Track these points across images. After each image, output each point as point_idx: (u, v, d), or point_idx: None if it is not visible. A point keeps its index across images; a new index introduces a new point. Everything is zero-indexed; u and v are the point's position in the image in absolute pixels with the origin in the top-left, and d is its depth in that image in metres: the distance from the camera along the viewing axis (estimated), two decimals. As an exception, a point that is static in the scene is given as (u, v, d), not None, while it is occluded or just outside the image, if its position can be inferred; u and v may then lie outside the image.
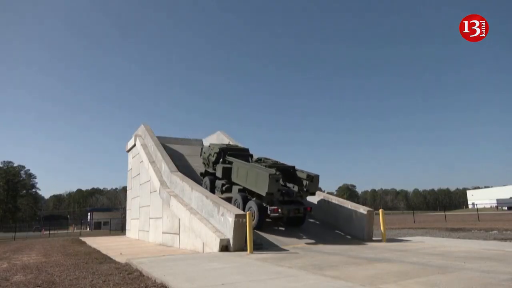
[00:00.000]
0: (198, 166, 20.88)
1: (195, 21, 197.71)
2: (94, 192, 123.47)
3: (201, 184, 16.55)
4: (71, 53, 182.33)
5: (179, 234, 14.56)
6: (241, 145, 22.01)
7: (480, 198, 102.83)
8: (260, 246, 11.44)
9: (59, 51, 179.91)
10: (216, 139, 25.32)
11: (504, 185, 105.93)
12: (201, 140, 27.46)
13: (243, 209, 12.82)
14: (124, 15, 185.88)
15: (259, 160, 14.77)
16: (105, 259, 11.33)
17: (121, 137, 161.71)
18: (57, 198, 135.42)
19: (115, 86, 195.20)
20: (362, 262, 8.02)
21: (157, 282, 6.60)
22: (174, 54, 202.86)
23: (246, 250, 10.39)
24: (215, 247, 11.10)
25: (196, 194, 13.85)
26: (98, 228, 55.31)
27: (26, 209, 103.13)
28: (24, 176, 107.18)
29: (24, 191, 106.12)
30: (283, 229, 13.81)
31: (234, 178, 14.19)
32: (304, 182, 12.96)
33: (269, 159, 15.20)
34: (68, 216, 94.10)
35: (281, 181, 12.23)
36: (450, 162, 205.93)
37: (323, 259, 8.64)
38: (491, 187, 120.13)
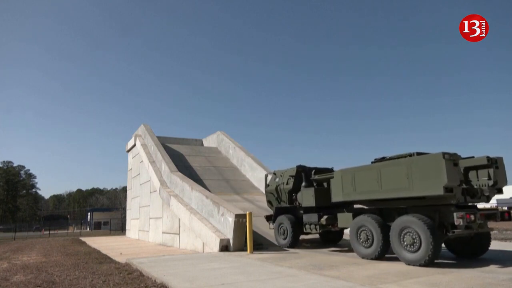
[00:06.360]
0: (198, 166, 20.88)
1: (195, 21, 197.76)
2: (94, 192, 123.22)
3: (201, 184, 16.51)
4: (71, 53, 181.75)
5: (179, 234, 14.56)
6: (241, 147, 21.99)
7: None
8: (260, 246, 11.46)
9: (58, 51, 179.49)
10: (216, 139, 25.33)
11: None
12: (201, 140, 27.46)
13: (382, 247, 8.17)
14: (124, 15, 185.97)
15: (380, 160, 9.11)
16: (105, 259, 11.34)
17: (121, 137, 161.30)
18: (57, 198, 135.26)
19: (115, 86, 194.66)
20: (362, 262, 8.03)
21: (157, 282, 6.61)
22: (174, 54, 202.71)
23: (246, 250, 10.41)
24: (215, 247, 11.11)
25: (196, 194, 13.85)
26: (98, 228, 55.31)
27: (26, 209, 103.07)
28: (24, 176, 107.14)
29: (24, 191, 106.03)
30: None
31: (345, 195, 9.23)
32: (484, 173, 7.54)
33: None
34: (68, 216, 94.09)
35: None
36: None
37: (323, 259, 8.65)
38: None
